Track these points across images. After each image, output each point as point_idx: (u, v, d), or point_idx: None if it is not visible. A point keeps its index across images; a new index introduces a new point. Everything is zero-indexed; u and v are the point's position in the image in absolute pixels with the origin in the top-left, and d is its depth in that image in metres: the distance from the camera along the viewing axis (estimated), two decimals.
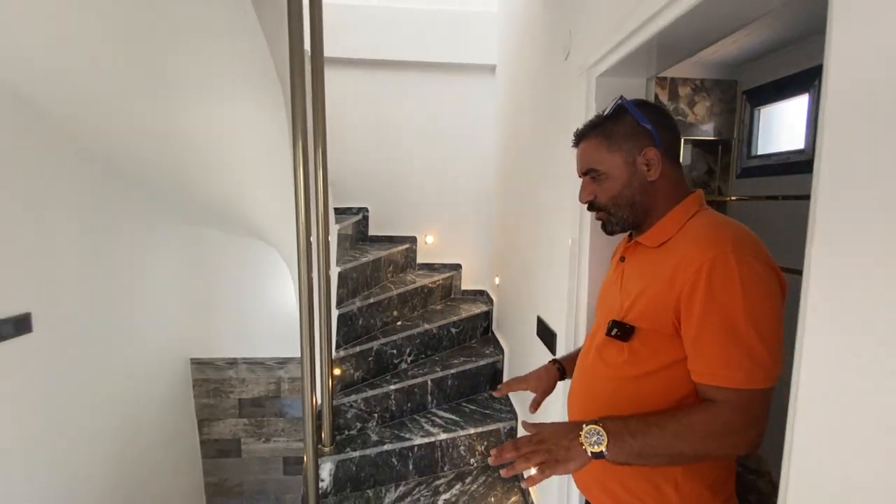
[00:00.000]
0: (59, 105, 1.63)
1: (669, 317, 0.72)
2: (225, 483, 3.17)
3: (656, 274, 0.75)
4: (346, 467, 1.82)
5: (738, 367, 0.65)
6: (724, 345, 0.66)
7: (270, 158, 1.77)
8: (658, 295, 0.73)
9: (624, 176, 0.81)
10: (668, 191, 0.81)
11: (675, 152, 0.82)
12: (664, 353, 0.74)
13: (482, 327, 2.58)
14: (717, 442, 0.66)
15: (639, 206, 0.82)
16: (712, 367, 0.67)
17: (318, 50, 1.63)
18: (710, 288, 0.67)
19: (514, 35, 2.22)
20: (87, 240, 1.94)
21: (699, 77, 2.76)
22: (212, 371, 3.03)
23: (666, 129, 0.81)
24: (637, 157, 0.80)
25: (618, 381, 0.79)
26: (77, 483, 1.89)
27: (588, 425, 0.68)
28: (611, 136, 0.82)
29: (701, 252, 0.69)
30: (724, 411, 0.66)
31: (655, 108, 0.83)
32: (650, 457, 0.69)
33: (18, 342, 1.58)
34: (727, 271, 0.66)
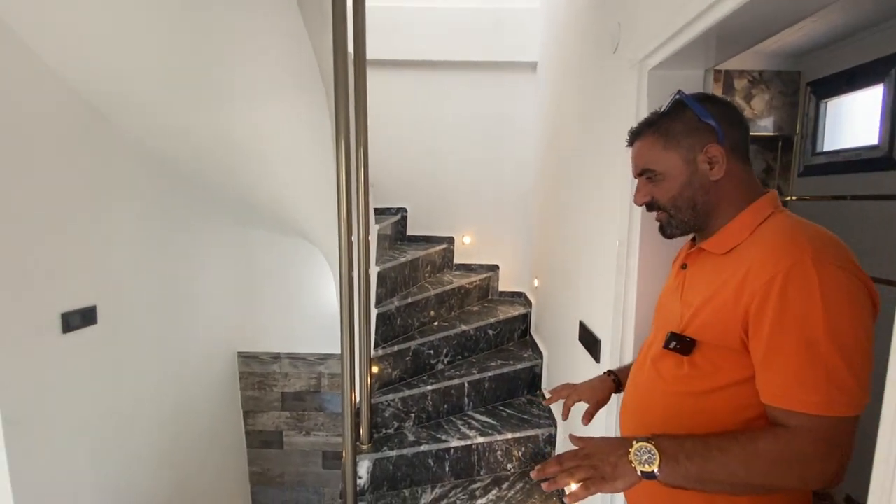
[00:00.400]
0: (120, 110, 1.75)
1: (736, 331, 0.66)
2: (268, 473, 3.28)
3: (722, 284, 0.69)
4: (384, 466, 1.84)
5: (816, 390, 0.58)
6: (799, 364, 0.59)
7: (314, 160, 1.81)
8: (724, 307, 0.67)
9: (683, 175, 0.75)
10: (735, 191, 0.74)
11: (743, 149, 0.75)
12: (730, 370, 0.68)
13: (520, 330, 2.53)
14: (788, 473, 0.60)
15: (701, 208, 0.76)
16: (785, 388, 0.61)
17: (361, 53, 1.65)
18: (783, 301, 0.60)
19: (557, 30, 2.17)
20: (145, 239, 2.06)
21: (757, 68, 2.59)
22: (257, 365, 3.16)
23: (732, 123, 0.75)
24: (698, 154, 0.74)
25: (676, 396, 0.74)
26: (135, 464, 2.02)
27: (639, 442, 0.64)
28: (668, 133, 0.77)
29: (774, 261, 0.62)
30: (797, 439, 0.60)
31: (720, 102, 0.77)
32: (709, 483, 0.63)
33: (85, 332, 1.70)
34: (805, 282, 0.59)
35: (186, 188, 2.31)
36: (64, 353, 1.62)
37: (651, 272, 1.19)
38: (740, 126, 0.75)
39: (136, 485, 2.03)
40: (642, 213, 1.17)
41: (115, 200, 1.86)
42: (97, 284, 1.76)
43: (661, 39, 1.02)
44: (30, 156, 1.47)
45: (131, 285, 1.98)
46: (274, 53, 1.46)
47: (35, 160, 1.49)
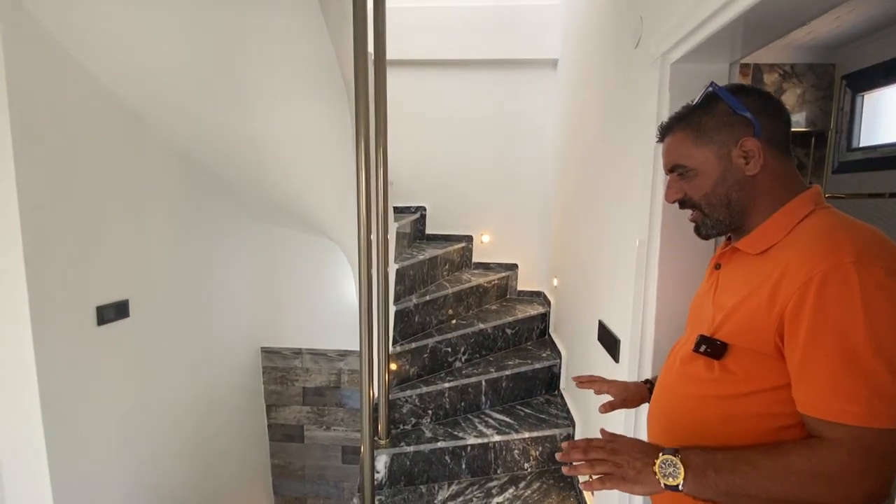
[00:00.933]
0: (154, 113, 1.82)
1: (770, 337, 0.62)
2: (289, 466, 3.36)
3: (757, 286, 0.65)
4: (401, 461, 1.86)
5: (855, 399, 0.55)
6: (837, 372, 0.56)
7: (336, 160, 1.85)
8: (758, 311, 0.64)
9: (717, 171, 0.72)
10: (772, 187, 0.70)
11: (783, 143, 0.71)
12: (763, 376, 0.65)
13: (538, 329, 2.52)
14: (824, 490, 0.57)
15: (736, 206, 0.72)
16: (822, 398, 0.58)
17: (382, 53, 1.67)
18: (821, 305, 0.57)
19: (579, 26, 2.14)
20: (175, 237, 2.14)
21: (789, 62, 2.51)
22: (279, 360, 3.23)
23: (769, 116, 0.70)
24: (732, 149, 0.70)
25: (705, 399, 0.71)
26: (163, 451, 2.10)
27: (665, 455, 0.62)
28: (699, 127, 0.73)
29: (812, 263, 0.59)
30: (834, 453, 0.57)
31: (757, 93, 0.73)
32: (739, 497, 0.61)
33: (118, 325, 1.78)
34: (846, 286, 0.56)
35: (214, 188, 2.39)
36: (98, 344, 1.70)
37: (672, 271, 1.17)
38: (779, 118, 0.71)
39: (164, 472, 2.11)
40: (663, 212, 1.15)
41: (148, 200, 1.93)
42: (130, 279, 1.84)
43: (684, 32, 1.00)
44: (71, 158, 1.54)
45: (161, 281, 2.06)
46: (297, 55, 1.50)
47: (75, 162, 1.56)
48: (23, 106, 1.37)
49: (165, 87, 1.68)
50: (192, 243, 2.29)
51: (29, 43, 1.39)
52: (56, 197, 1.50)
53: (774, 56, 2.48)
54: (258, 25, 1.39)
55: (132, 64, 1.58)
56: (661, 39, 1.12)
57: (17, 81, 1.35)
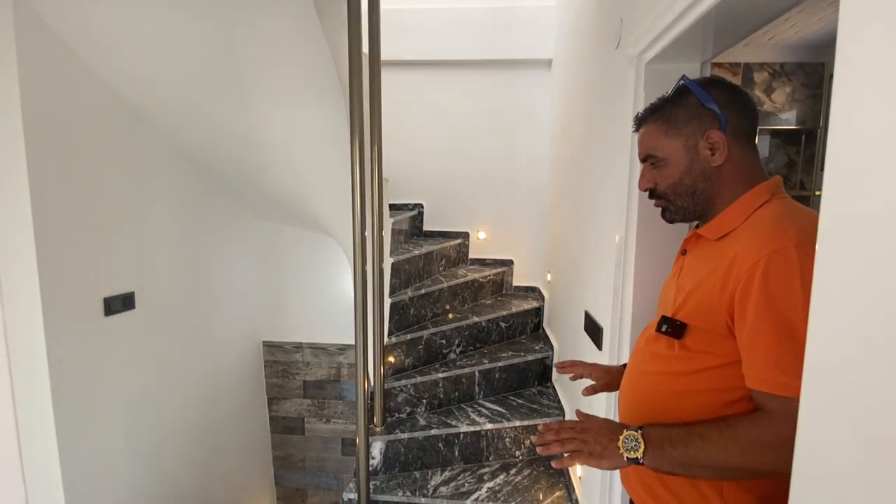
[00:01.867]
0: (160, 113, 1.89)
1: (722, 316, 0.67)
2: (290, 458, 3.44)
3: (712, 269, 0.70)
4: (396, 448, 1.93)
5: (794, 373, 0.59)
6: (778, 348, 0.60)
7: (332, 158, 1.91)
8: (711, 292, 0.68)
9: (684, 162, 0.76)
10: (735, 178, 0.74)
11: (748, 135, 0.75)
12: (717, 353, 0.69)
13: (533, 323, 2.58)
14: (766, 456, 0.61)
15: (700, 195, 0.76)
16: (765, 372, 0.62)
17: (376, 54, 1.74)
18: (765, 286, 0.61)
19: (570, 27, 2.20)
20: (180, 232, 2.22)
21: (778, 61, 2.55)
22: (281, 354, 3.31)
23: (736, 109, 0.74)
24: (699, 140, 0.74)
25: (665, 376, 0.76)
26: (168, 442, 2.18)
27: (628, 430, 0.69)
28: (670, 119, 0.77)
29: (759, 246, 0.63)
30: (773, 422, 0.61)
31: (726, 87, 0.76)
32: (693, 468, 0.66)
33: (125, 316, 1.85)
34: (787, 267, 0.60)
35: (217, 186, 2.46)
36: (106, 334, 1.78)
37: (648, 263, 1.23)
38: (745, 111, 0.75)
39: (169, 460, 2.19)
40: (640, 207, 1.21)
41: (154, 196, 2.01)
42: (136, 272, 1.92)
43: (656, 32, 1.05)
44: (80, 156, 1.62)
45: (166, 274, 2.13)
46: (294, 57, 1.56)
47: (84, 160, 1.64)
48: (35, 107, 1.45)
49: (169, 88, 1.75)
50: (195, 239, 2.37)
51: (41, 47, 1.46)
52: (66, 194, 1.58)
53: (764, 55, 2.53)
54: (257, 29, 1.46)
55: (138, 67, 1.65)
56: (636, 40, 1.18)
57: (30, 83, 1.43)
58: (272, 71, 1.61)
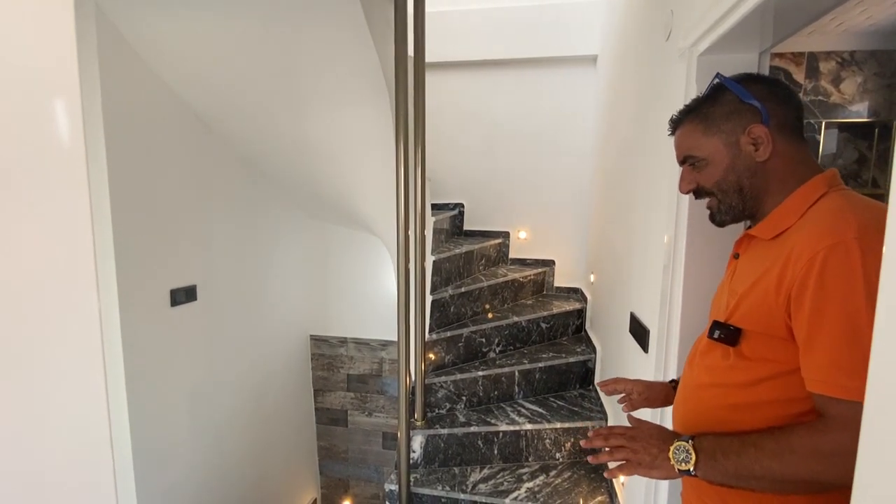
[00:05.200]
0: (219, 119, 2.03)
1: (781, 317, 0.62)
2: (334, 448, 3.57)
3: (767, 269, 0.66)
4: (436, 443, 1.96)
5: (856, 374, 0.54)
6: (839, 347, 0.56)
7: (378, 159, 1.98)
8: (767, 293, 0.64)
9: (726, 159, 0.73)
10: (784, 172, 0.70)
11: (794, 128, 0.72)
12: (778, 360, 0.64)
13: (574, 325, 2.54)
14: (825, 466, 0.56)
15: (748, 192, 0.73)
16: (824, 373, 0.57)
17: (421, 57, 1.78)
18: (823, 280, 0.57)
19: (616, 21, 2.15)
20: (236, 230, 2.37)
21: (847, 49, 2.36)
22: (326, 347, 3.44)
23: (778, 102, 0.71)
24: (741, 136, 0.72)
25: (722, 388, 0.71)
26: (223, 426, 2.33)
27: (679, 441, 0.66)
28: (707, 118, 0.75)
29: (816, 241, 0.59)
30: (833, 429, 0.56)
31: (765, 80, 0.74)
32: (748, 479, 0.62)
33: (188, 307, 2.01)
34: (847, 260, 0.56)
35: (270, 187, 2.60)
36: (171, 323, 1.93)
37: (698, 264, 1.18)
38: (788, 103, 0.72)
39: (223, 445, 2.34)
40: (690, 206, 1.17)
41: (214, 196, 2.16)
42: (197, 266, 2.07)
43: (710, 22, 1.01)
44: (148, 160, 1.77)
45: (224, 270, 2.29)
46: (344, 62, 1.63)
47: (152, 164, 1.79)
48: (113, 114, 1.60)
49: (230, 95, 1.88)
50: (250, 236, 2.52)
51: (118, 58, 1.62)
52: (137, 193, 1.73)
53: (832, 43, 2.35)
54: (311, 38, 1.54)
55: (202, 75, 1.79)
56: (687, 31, 1.14)
57: (109, 92, 1.58)
58: (324, 77, 1.69)
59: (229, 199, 2.29)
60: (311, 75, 1.70)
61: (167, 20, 1.54)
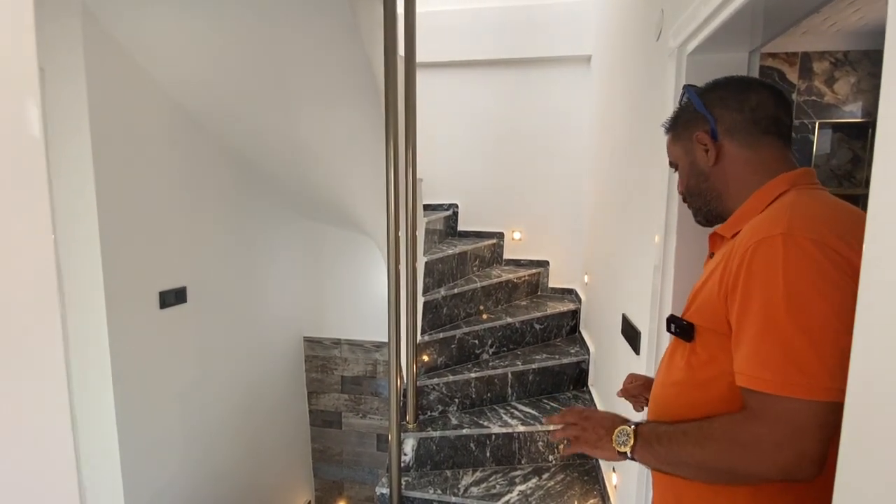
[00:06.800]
0: (208, 115, 2.01)
1: (722, 312, 0.63)
2: (328, 450, 3.55)
3: (717, 266, 0.67)
4: (428, 445, 1.95)
5: (772, 367, 0.54)
6: (757, 340, 0.56)
7: (369, 158, 1.96)
8: (712, 287, 0.65)
9: (687, 165, 0.79)
10: (741, 174, 0.72)
11: (748, 131, 0.72)
12: (724, 358, 0.64)
13: (568, 326, 2.52)
14: (740, 457, 0.57)
15: (708, 195, 0.76)
16: (745, 365, 0.58)
17: (411, 57, 1.76)
18: (749, 276, 0.58)
19: (609, 21, 2.14)
20: (227, 231, 2.35)
21: (841, 49, 2.36)
22: (320, 349, 3.42)
23: (727, 107, 0.72)
24: (693, 143, 0.76)
25: (682, 387, 0.71)
26: (215, 429, 2.31)
27: (623, 425, 0.70)
28: (676, 125, 0.80)
29: (750, 237, 0.60)
30: (749, 421, 0.57)
31: (720, 86, 0.75)
32: (678, 465, 0.65)
33: (178, 309, 1.98)
34: (770, 255, 0.56)
35: (262, 187, 2.58)
36: (161, 325, 1.91)
37: (689, 265, 1.17)
38: (740, 108, 0.72)
39: (216, 448, 2.32)
40: (680, 206, 1.15)
41: (205, 196, 2.14)
42: (187, 268, 2.05)
43: (699, 21, 1.00)
44: (137, 159, 1.75)
45: (215, 271, 2.26)
46: (333, 61, 1.61)
47: (141, 163, 1.77)
48: (99, 113, 1.58)
49: (219, 93, 1.86)
50: (242, 237, 2.49)
51: (105, 56, 1.59)
52: (126, 193, 1.71)
53: (825, 43, 2.35)
54: (298, 34, 1.52)
55: (191, 73, 1.77)
56: (677, 31, 1.13)
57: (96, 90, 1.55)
58: (313, 75, 1.68)
59: (220, 199, 2.26)
60: (301, 74, 1.68)
61: (155, 18, 1.52)
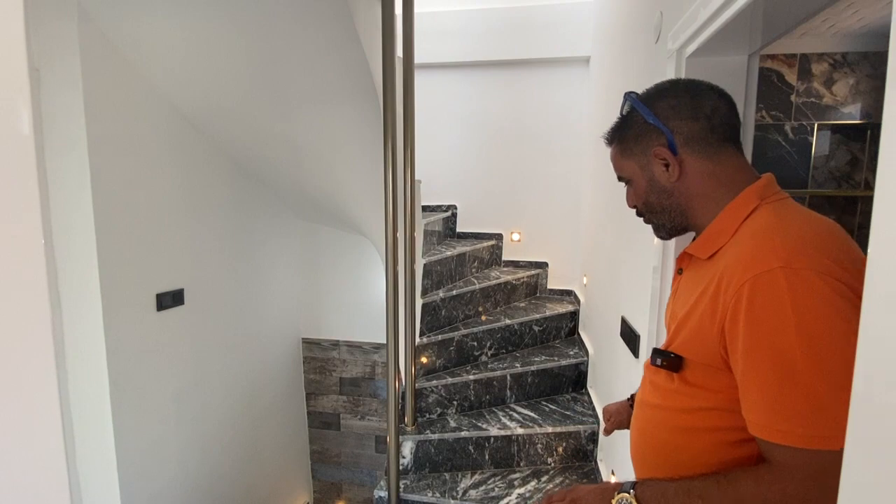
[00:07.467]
0: (205, 116, 2.00)
1: (717, 350, 0.59)
2: (326, 452, 3.54)
3: (701, 294, 0.62)
4: (426, 448, 1.94)
5: (797, 419, 0.51)
6: (774, 389, 0.53)
7: (367, 160, 1.95)
8: (702, 320, 0.61)
9: (644, 181, 0.72)
10: (706, 188, 0.67)
11: (707, 141, 0.66)
12: (720, 390, 0.61)
13: (567, 328, 2.52)
14: None
15: (673, 211, 0.70)
16: (762, 416, 0.54)
17: (410, 58, 1.76)
18: (752, 317, 0.54)
19: (608, 23, 2.14)
20: (225, 232, 2.34)
21: (840, 50, 2.36)
22: (318, 350, 3.41)
23: (683, 118, 0.67)
24: (651, 159, 0.69)
25: (666, 411, 0.68)
26: (213, 430, 2.29)
27: (621, 493, 0.64)
28: (623, 139, 0.73)
29: (742, 270, 0.56)
30: (781, 478, 0.53)
31: (671, 94, 0.69)
32: None
33: (175, 311, 1.97)
34: (774, 293, 0.53)
35: (260, 189, 2.57)
36: (158, 327, 1.90)
37: None
38: (696, 116, 0.67)
39: (213, 450, 2.31)
40: None
41: (201, 199, 2.13)
42: (185, 270, 2.04)
43: (698, 24, 1.00)
44: (134, 161, 1.74)
45: (213, 272, 2.25)
46: (331, 62, 1.61)
47: (138, 165, 1.76)
48: (96, 115, 1.57)
49: (216, 94, 1.85)
50: (240, 239, 2.48)
51: (102, 59, 1.58)
52: (123, 195, 1.70)
53: (823, 45, 2.35)
54: (295, 37, 1.51)
55: (188, 75, 1.76)
56: (676, 33, 1.12)
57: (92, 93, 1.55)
58: (311, 76, 1.67)
59: (218, 201, 2.25)
60: (299, 75, 1.67)
61: (152, 20, 1.51)
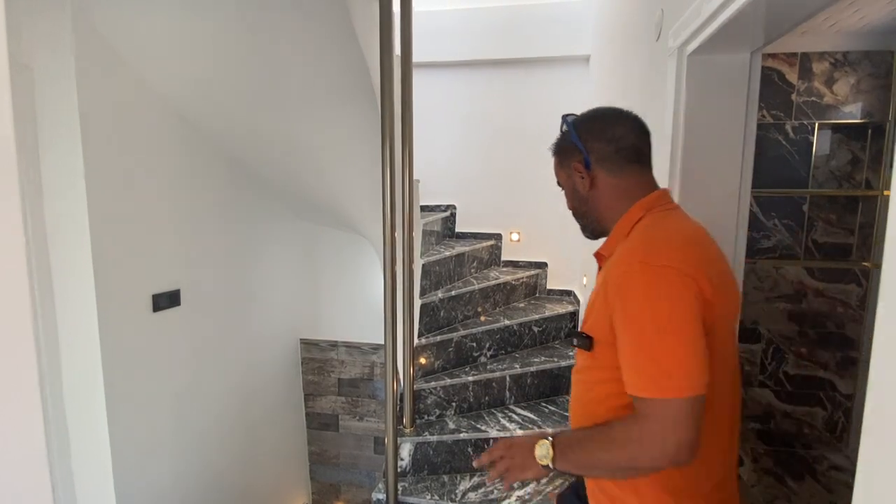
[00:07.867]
0: (201, 115, 1.98)
1: (609, 329, 0.74)
2: (325, 453, 3.52)
3: (602, 285, 0.78)
4: (424, 450, 1.92)
5: (646, 375, 0.67)
6: (634, 355, 0.69)
7: (365, 159, 1.93)
8: (602, 307, 0.76)
9: (570, 189, 0.89)
10: (611, 200, 0.83)
11: (615, 160, 0.82)
12: (615, 366, 0.75)
13: (567, 328, 2.50)
14: (636, 451, 0.68)
15: (590, 215, 0.88)
16: (629, 378, 0.70)
17: (408, 56, 1.74)
18: (622, 302, 0.70)
19: (608, 21, 2.12)
20: (221, 232, 2.32)
21: (841, 49, 2.35)
22: (317, 351, 3.39)
23: (596, 139, 0.82)
24: (572, 171, 0.86)
25: (587, 383, 0.84)
26: (210, 432, 2.28)
27: (542, 440, 0.76)
28: (559, 152, 0.90)
29: (618, 265, 0.73)
30: (637, 421, 0.68)
31: (589, 119, 0.85)
32: (592, 469, 0.75)
33: (171, 312, 1.95)
34: (634, 283, 0.69)
35: (257, 188, 2.55)
36: (154, 329, 1.88)
37: None
38: (607, 139, 0.82)
39: (210, 452, 2.29)
40: None
41: (197, 198, 2.11)
42: (181, 270, 2.02)
43: (700, 21, 0.99)
44: (129, 160, 1.72)
45: (210, 273, 2.23)
46: (329, 61, 1.59)
47: (134, 164, 1.74)
48: (90, 114, 1.55)
49: (213, 93, 1.83)
50: (237, 238, 2.46)
51: (96, 57, 1.57)
52: (117, 195, 1.68)
53: (825, 44, 2.33)
54: (294, 34, 1.50)
55: (184, 73, 1.74)
56: (677, 31, 1.11)
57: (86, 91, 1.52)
58: (308, 74, 1.65)
59: (215, 200, 2.24)
60: (296, 73, 1.66)
61: (147, 17, 1.49)
